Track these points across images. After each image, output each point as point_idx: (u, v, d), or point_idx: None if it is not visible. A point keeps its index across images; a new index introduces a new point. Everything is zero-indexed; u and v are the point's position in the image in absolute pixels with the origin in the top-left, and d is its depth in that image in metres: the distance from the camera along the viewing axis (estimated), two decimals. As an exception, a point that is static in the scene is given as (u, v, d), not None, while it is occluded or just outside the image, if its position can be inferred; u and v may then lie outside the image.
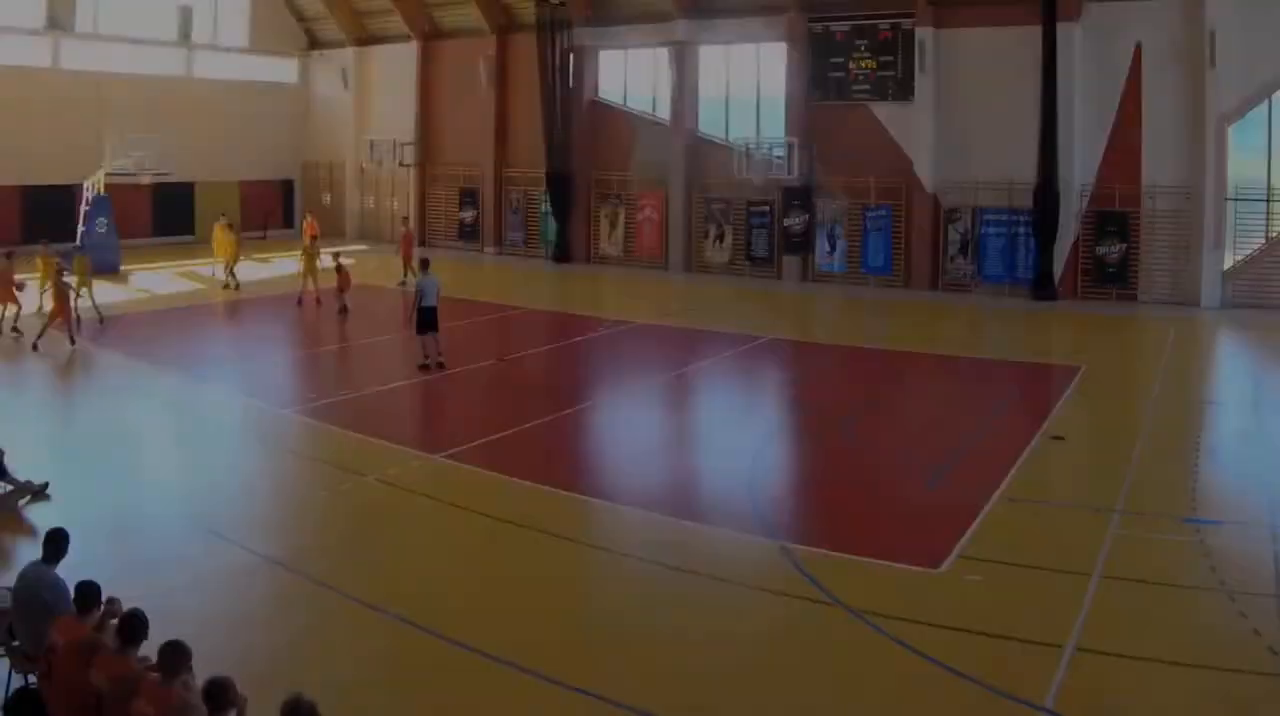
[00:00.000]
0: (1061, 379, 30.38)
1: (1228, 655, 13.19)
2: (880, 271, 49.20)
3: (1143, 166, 43.75)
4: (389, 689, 12.78)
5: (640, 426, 26.30)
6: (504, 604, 15.29)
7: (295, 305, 40.80)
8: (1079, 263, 45.15)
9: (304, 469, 21.99)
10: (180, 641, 9.48)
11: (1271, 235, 42.47)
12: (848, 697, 12.76)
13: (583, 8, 56.59)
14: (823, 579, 15.75)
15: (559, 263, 57.31)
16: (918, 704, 12.62)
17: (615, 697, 12.36)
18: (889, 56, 48.74)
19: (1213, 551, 16.68)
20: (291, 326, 38.54)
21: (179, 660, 9.37)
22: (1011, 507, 19.08)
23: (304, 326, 38.47)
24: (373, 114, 66.19)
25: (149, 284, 47.28)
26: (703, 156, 54.19)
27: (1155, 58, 43.25)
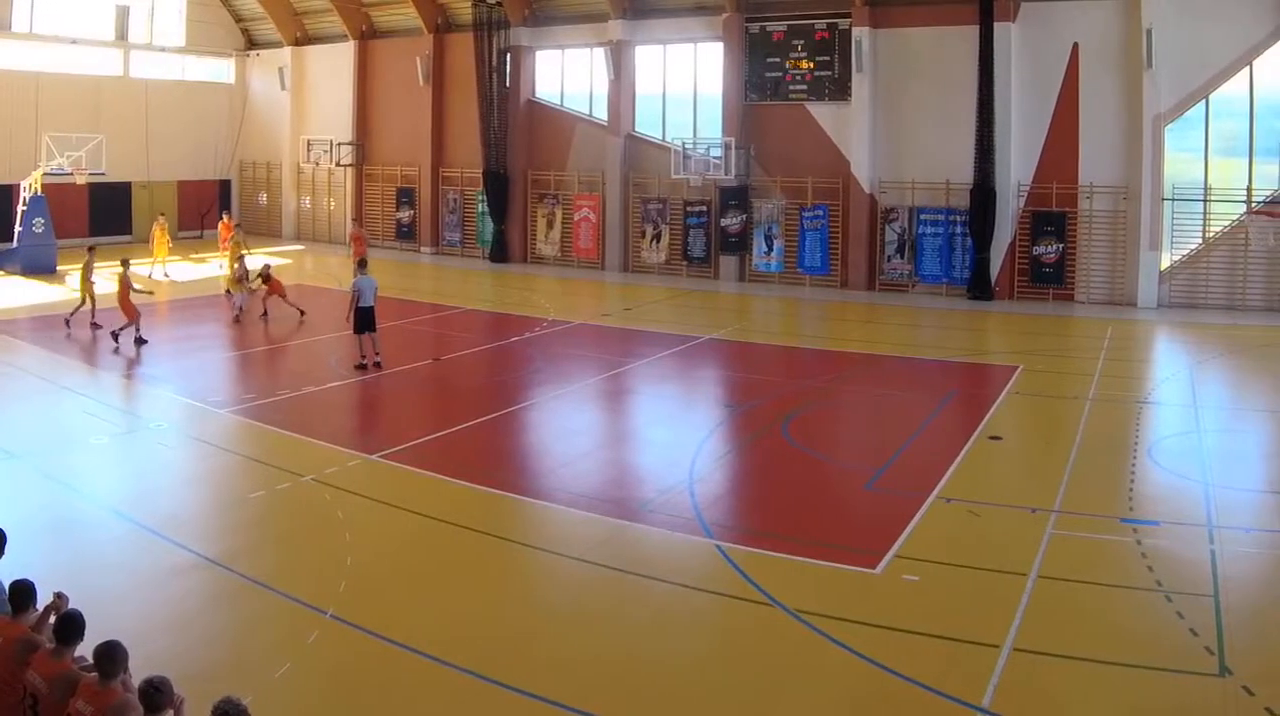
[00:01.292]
0: (999, 379, 29.92)
1: (1165, 655, 13.05)
2: (817, 271, 48.13)
3: (1080, 167, 43.02)
4: (324, 688, 12.56)
5: (577, 426, 25.63)
6: (440, 603, 14.99)
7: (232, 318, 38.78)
8: (1016, 263, 44.35)
9: (240, 468, 21.39)
10: (117, 641, 9.07)
11: (1208, 236, 41.94)
12: (785, 697, 12.42)
13: (519, 8, 55.39)
14: (760, 579, 15.51)
15: (496, 263, 56.07)
16: (855, 704, 12.40)
17: (551, 696, 12.16)
18: (826, 57, 47.79)
19: (1150, 552, 16.48)
20: (227, 326, 37.33)
21: (117, 660, 8.97)
22: (949, 508, 18.76)
23: (240, 326, 37.17)
24: (310, 114, 64.88)
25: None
26: (640, 156, 53.18)
27: (1092, 58, 42.50)
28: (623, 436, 25.85)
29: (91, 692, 8.81)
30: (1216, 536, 17.21)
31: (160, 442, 23.11)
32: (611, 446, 24.54)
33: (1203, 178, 41.77)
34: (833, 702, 12.40)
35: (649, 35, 52.67)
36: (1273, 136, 39.49)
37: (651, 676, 12.90)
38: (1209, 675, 12.58)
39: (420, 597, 15.16)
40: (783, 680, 12.78)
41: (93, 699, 8.75)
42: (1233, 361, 32.67)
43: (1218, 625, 13.82)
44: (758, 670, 13.02)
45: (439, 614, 14.51)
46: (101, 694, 8.78)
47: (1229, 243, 41.28)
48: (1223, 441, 23.60)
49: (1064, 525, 17.78)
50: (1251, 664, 12.76)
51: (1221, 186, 41.41)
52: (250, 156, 68.04)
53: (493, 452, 22.92)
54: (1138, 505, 18.98)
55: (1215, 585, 15.15)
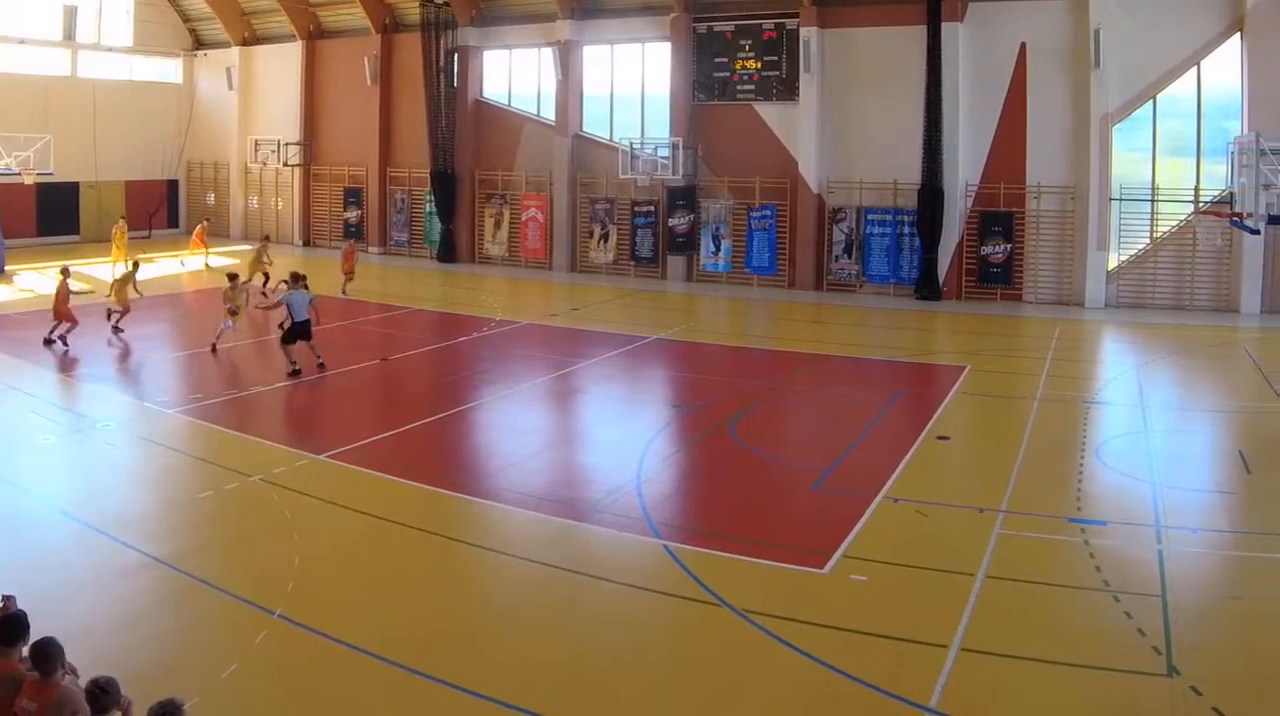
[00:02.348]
0: (947, 379, 29.47)
1: (1113, 655, 12.86)
2: (765, 271, 47.43)
3: (1027, 167, 42.55)
4: (272, 688, 12.24)
5: (525, 426, 25.00)
6: (388, 603, 14.63)
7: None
8: (964, 263, 43.78)
9: (188, 469, 20.85)
10: (51, 637, 8.82)
11: (1156, 236, 41.52)
12: (732, 697, 12.18)
13: (467, 8, 54.36)
14: (708, 579, 15.23)
15: (443, 262, 54.99)
16: (803, 704, 12.07)
17: (499, 696, 11.90)
18: (774, 56, 47.05)
19: (1098, 551, 16.23)
20: (177, 326, 36.59)
21: (51, 656, 8.75)
22: (897, 508, 18.50)
23: (189, 326, 36.43)
24: (258, 114, 63.41)
25: (33, 284, 44.56)
26: (587, 156, 52.17)
27: (1040, 58, 42.04)
28: (571, 436, 25.38)
29: (35, 689, 8.66)
30: (1164, 536, 16.97)
31: (108, 443, 22.55)
32: (559, 446, 24.08)
33: (1150, 178, 41.44)
34: (780, 702, 12.07)
35: (597, 35, 51.80)
36: (1220, 136, 38.34)
37: (599, 676, 12.69)
38: (1157, 675, 12.39)
39: (368, 598, 14.80)
40: (730, 680, 12.53)
41: (36, 695, 8.62)
42: (1180, 361, 32.35)
43: (1165, 625, 13.60)
44: (705, 670, 12.80)
45: (387, 614, 14.20)
46: (44, 689, 8.63)
47: (1176, 243, 40.87)
48: (1170, 441, 23.27)
49: (1012, 525, 17.51)
50: (1199, 663, 12.58)
51: (1169, 186, 41.09)
52: (198, 156, 66.47)
53: (441, 452, 22.52)
54: (1086, 505, 18.73)
55: (1163, 585, 14.93)
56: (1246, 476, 20.51)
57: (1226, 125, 39.23)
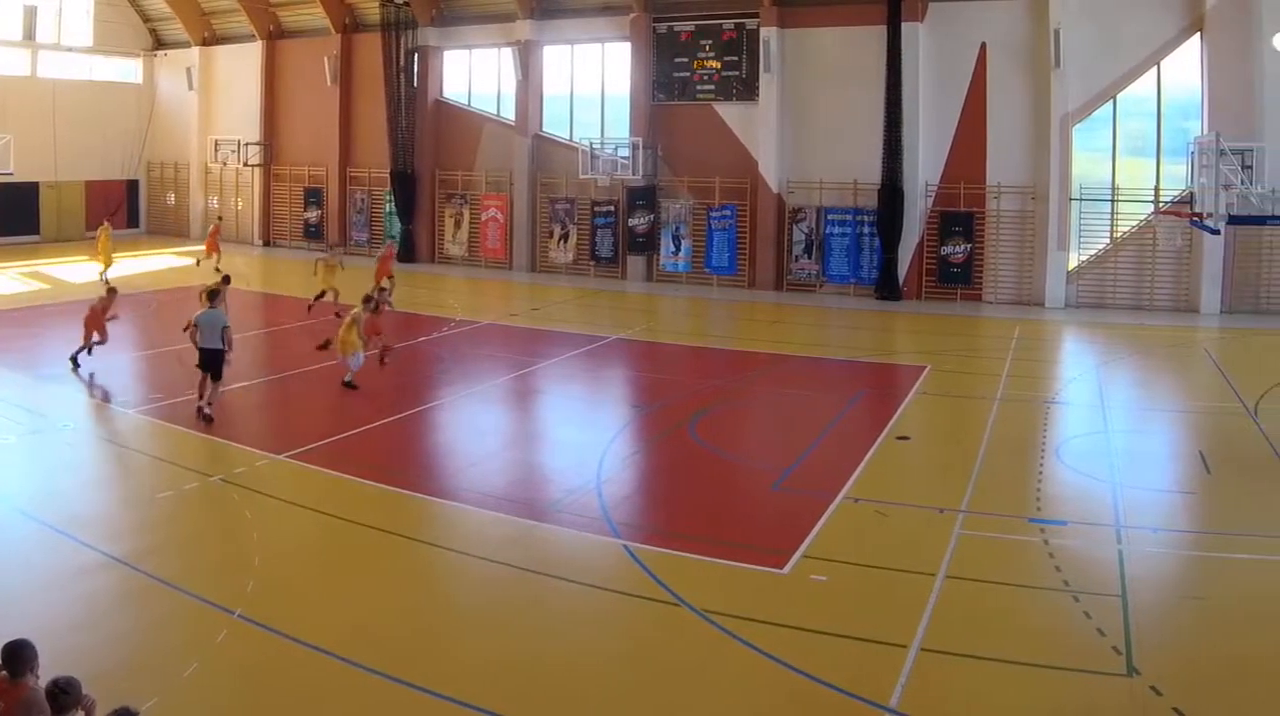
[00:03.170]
0: (907, 379, 29.07)
1: (1073, 655, 12.69)
2: (725, 271, 46.79)
3: (988, 167, 42.11)
4: (232, 687, 12.04)
5: (485, 426, 24.80)
6: (348, 603, 14.35)
7: None
8: (924, 263, 43.26)
9: (148, 468, 20.41)
10: (25, 640, 8.84)
11: (1116, 236, 41.20)
12: (692, 697, 12.00)
13: (427, 8, 53.40)
14: (667, 578, 15.00)
15: (403, 262, 52.40)
16: (762, 704, 11.90)
17: (458, 696, 11.72)
18: (734, 57, 46.40)
19: (1058, 551, 16.04)
20: (137, 326, 35.26)
21: (23, 658, 8.73)
22: (857, 508, 18.27)
23: (150, 327, 35.52)
24: (217, 114, 62.14)
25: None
26: (547, 156, 51.32)
27: (1000, 58, 41.61)
28: (531, 436, 24.99)
29: (2, 690, 8.62)
30: (1124, 536, 16.81)
31: (67, 442, 22.05)
32: (519, 446, 23.66)
33: (1110, 177, 41.13)
34: (740, 702, 11.95)
35: (557, 35, 51.01)
36: (1180, 136, 38.08)
37: (559, 676, 12.42)
38: (1117, 675, 12.23)
39: (328, 597, 14.59)
40: (690, 680, 12.36)
41: (4, 695, 8.57)
42: (1140, 361, 32.00)
43: (1125, 625, 13.43)
44: (665, 670, 12.59)
45: (347, 614, 13.94)
46: (11, 690, 8.61)
47: (1136, 243, 40.60)
48: (1130, 441, 22.94)
49: (972, 525, 17.28)
50: (1159, 663, 12.43)
51: (1129, 186, 40.82)
52: (158, 156, 65.12)
53: (401, 452, 22.16)
54: (1046, 505, 18.47)
55: (1123, 585, 14.76)
56: (1206, 476, 20.32)
57: (1186, 125, 39.02)
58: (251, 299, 41.60)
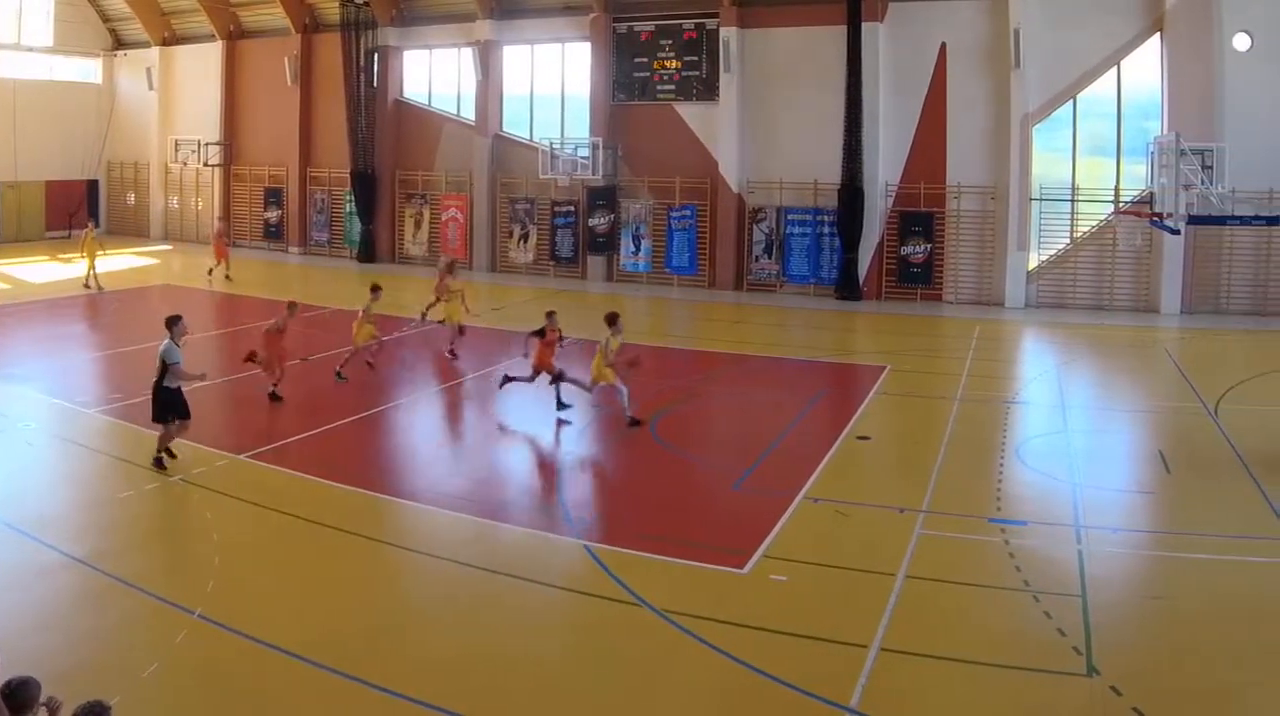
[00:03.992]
0: (867, 379, 28.80)
1: (1033, 655, 12.65)
2: (685, 271, 45.98)
3: (948, 167, 41.53)
4: (192, 687, 11.96)
5: (445, 426, 25.13)
6: (308, 603, 14.29)
7: None
8: (884, 263, 42.64)
9: (109, 469, 20.15)
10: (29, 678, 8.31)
11: (1076, 236, 40.72)
12: (652, 697, 11.99)
13: (387, 8, 52.29)
14: (627, 578, 14.89)
15: (364, 263, 52.79)
16: (722, 703, 11.96)
17: (418, 696, 11.63)
18: (694, 57, 45.59)
19: (1018, 551, 15.94)
20: (95, 325, 34.90)
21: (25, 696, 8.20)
22: (817, 508, 18.15)
23: (109, 325, 34.85)
24: (178, 114, 60.76)
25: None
26: (507, 156, 50.36)
27: (960, 58, 41.00)
28: (491, 436, 24.61)
29: None
30: (1084, 536, 16.69)
31: (27, 442, 21.88)
32: (480, 446, 23.67)
33: (1070, 178, 40.68)
34: (700, 702, 11.98)
35: (517, 35, 50.02)
36: (1140, 137, 37.53)
37: (519, 676, 12.38)
38: (1077, 675, 12.16)
39: (288, 597, 14.47)
40: (650, 679, 12.34)
41: None
42: (1100, 361, 31.73)
43: (1085, 625, 13.36)
44: (625, 669, 12.64)
45: (307, 613, 13.86)
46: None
47: (1096, 243, 40.09)
48: (1090, 441, 22.82)
49: (932, 525, 17.17)
50: (1119, 663, 12.35)
51: (1089, 186, 40.34)
52: (118, 156, 63.56)
53: (361, 452, 21.75)
54: (1006, 505, 18.38)
55: (1083, 585, 14.67)
56: (1166, 476, 20.16)
57: (1146, 125, 38.57)
58: (212, 298, 41.10)
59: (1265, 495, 18.54)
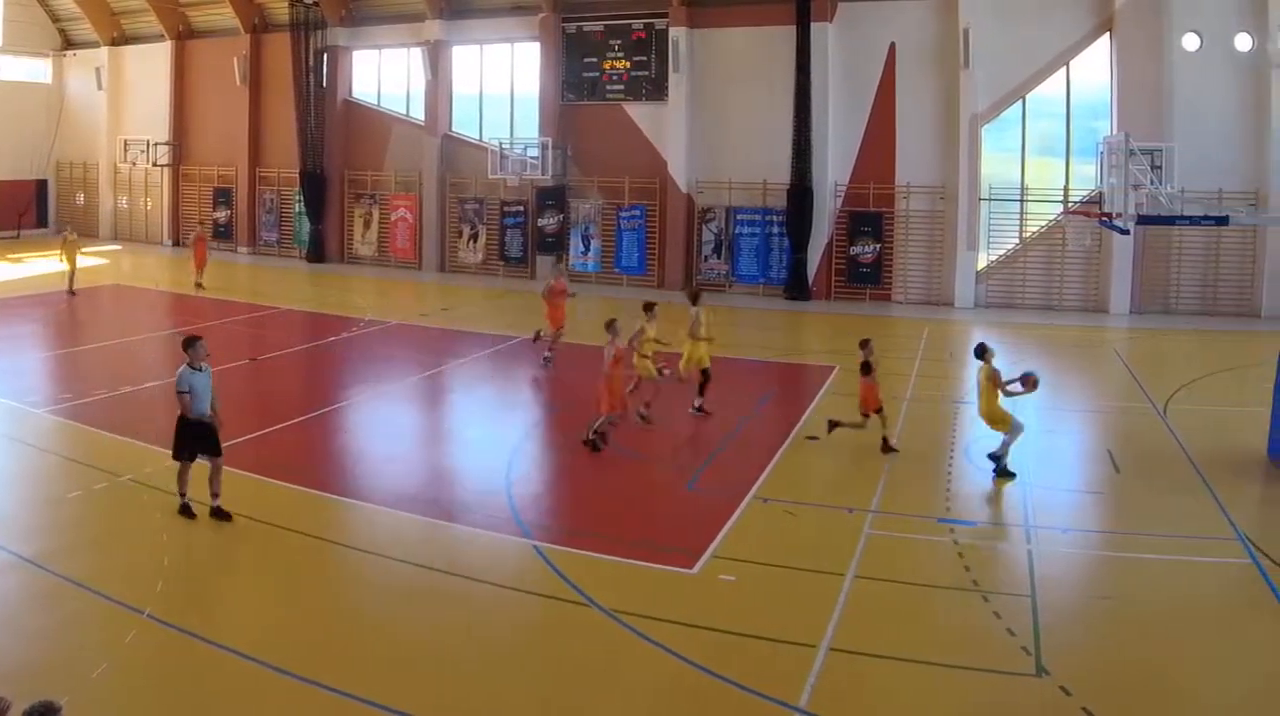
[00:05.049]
0: (816, 379, 28.27)
1: (982, 655, 12.38)
2: (634, 271, 44.94)
3: (897, 167, 40.67)
4: (142, 688, 11.59)
5: (395, 426, 24.06)
6: (257, 603, 14.00)
7: None
8: (833, 263, 41.70)
9: (58, 469, 19.61)
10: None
11: (1025, 236, 39.94)
12: (600, 696, 11.66)
13: (336, 8, 50.77)
14: (577, 579, 14.55)
15: (313, 263, 51.50)
16: (672, 703, 11.67)
17: (367, 696, 11.32)
18: (643, 57, 44.45)
19: (967, 551, 15.60)
20: (47, 325, 34.03)
21: None
22: (766, 508, 17.75)
23: (60, 325, 34.04)
24: (127, 114, 59.11)
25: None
26: (457, 156, 49.09)
27: (909, 58, 40.20)
28: (441, 436, 24.16)
29: None
30: (1034, 536, 16.44)
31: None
32: (429, 446, 23.06)
33: (1020, 178, 39.93)
34: (648, 702, 11.68)
35: (466, 35, 48.76)
36: (1089, 136, 36.89)
37: (468, 675, 12.06)
38: (1026, 675, 11.93)
39: (237, 598, 14.23)
40: (598, 679, 12.01)
41: None
42: (1049, 361, 30.20)
43: (1035, 625, 13.11)
44: (574, 669, 12.26)
45: (256, 614, 13.57)
46: None
47: (1046, 243, 39.37)
48: (1040, 441, 21.63)
49: (881, 525, 16.85)
50: (1069, 664, 12.10)
51: (1038, 186, 39.62)
52: (67, 156, 61.81)
53: (310, 453, 21.22)
54: (955, 505, 17.95)
55: (1032, 585, 14.41)
56: (1115, 476, 19.78)
57: (1095, 125, 37.99)
58: (162, 298, 40.22)
59: (1214, 495, 18.22)
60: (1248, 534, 16.24)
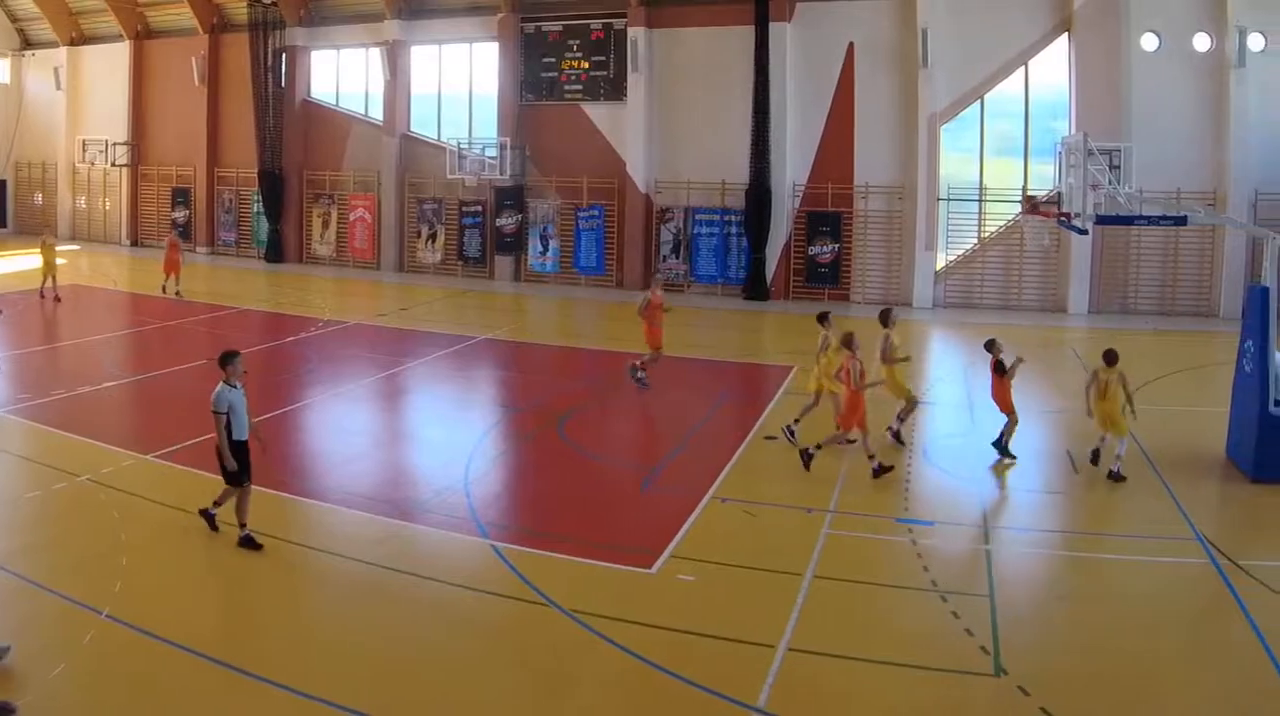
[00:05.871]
0: (774, 379, 27.60)
1: (941, 655, 12.17)
2: (593, 272, 43.97)
3: (855, 167, 39.76)
4: (100, 688, 11.27)
5: (353, 426, 23.37)
6: (215, 603, 13.87)
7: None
8: (791, 263, 40.75)
9: (16, 469, 19.17)
10: None
11: (984, 235, 39.13)
12: (558, 697, 11.42)
13: (295, 8, 49.40)
14: (535, 578, 14.28)
15: (271, 263, 50.25)
16: (629, 703, 11.44)
17: (325, 696, 11.04)
18: (602, 57, 43.44)
19: (925, 551, 15.36)
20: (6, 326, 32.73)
21: None
22: (725, 508, 17.40)
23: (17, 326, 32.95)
24: (85, 114, 57.48)
25: None
26: (415, 156, 47.88)
27: (867, 58, 39.33)
28: (399, 436, 23.62)
29: None
30: (992, 536, 16.29)
31: None
32: (387, 446, 22.41)
33: (978, 178, 39.10)
34: (606, 702, 11.45)
35: (425, 35, 47.54)
36: (1048, 137, 36.35)
37: (426, 675, 11.77)
38: (984, 675, 11.75)
39: (195, 597, 13.88)
40: (557, 679, 11.79)
41: None
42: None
43: (993, 625, 12.92)
44: (532, 669, 12.05)
45: (214, 613, 13.48)
46: None
47: (1004, 243, 38.60)
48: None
49: (840, 525, 16.54)
50: (1027, 664, 11.94)
51: (997, 186, 38.80)
52: (26, 156, 60.14)
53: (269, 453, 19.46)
54: (913, 505, 17.63)
55: (990, 585, 14.21)
56: (1073, 476, 19.37)
57: (1054, 125, 37.30)
58: (120, 298, 39.49)
59: (1172, 494, 17.96)
60: (1206, 534, 15.98)
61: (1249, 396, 19.08)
